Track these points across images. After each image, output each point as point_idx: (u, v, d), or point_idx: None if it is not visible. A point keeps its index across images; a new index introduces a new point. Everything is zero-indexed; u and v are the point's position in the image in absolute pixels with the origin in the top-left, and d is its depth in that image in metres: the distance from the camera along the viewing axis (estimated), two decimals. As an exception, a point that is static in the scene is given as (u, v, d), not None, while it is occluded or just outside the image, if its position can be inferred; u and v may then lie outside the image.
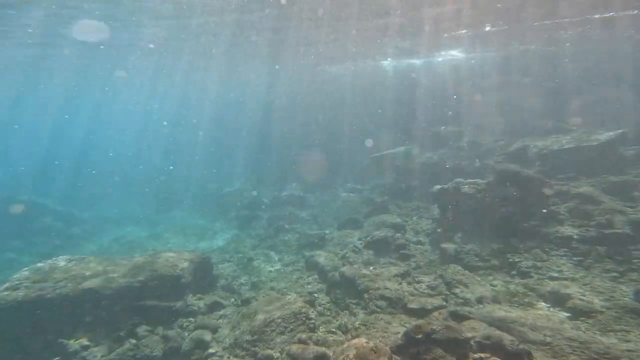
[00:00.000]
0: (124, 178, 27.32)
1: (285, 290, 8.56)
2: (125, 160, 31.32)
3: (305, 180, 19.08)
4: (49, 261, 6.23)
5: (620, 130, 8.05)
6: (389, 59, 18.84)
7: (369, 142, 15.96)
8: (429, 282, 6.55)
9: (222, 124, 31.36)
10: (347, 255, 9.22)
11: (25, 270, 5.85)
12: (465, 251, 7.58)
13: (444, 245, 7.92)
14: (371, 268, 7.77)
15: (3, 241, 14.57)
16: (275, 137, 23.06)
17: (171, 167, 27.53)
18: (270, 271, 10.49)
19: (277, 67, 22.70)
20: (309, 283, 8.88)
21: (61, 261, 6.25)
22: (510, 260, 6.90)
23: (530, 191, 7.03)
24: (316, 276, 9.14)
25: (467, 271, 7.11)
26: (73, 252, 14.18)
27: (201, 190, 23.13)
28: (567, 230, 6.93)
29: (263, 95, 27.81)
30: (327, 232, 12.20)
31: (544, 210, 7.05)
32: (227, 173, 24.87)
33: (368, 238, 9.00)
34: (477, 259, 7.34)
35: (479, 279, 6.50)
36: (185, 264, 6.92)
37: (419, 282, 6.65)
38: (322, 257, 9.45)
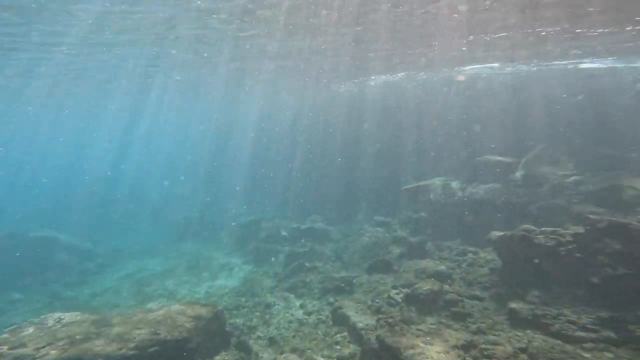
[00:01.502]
0: (141, 208, 27.81)
1: (309, 352, 7.25)
2: (147, 189, 32.25)
3: (328, 211, 18.10)
4: (36, 320, 5.57)
5: None
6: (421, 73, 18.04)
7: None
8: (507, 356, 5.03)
9: (242, 151, 31.89)
10: (382, 309, 7.85)
11: (6, 333, 5.22)
12: (551, 315, 5.98)
13: (514, 306, 6.41)
14: (419, 331, 6.36)
15: (13, 279, 14.49)
16: (296, 163, 22.69)
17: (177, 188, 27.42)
18: (291, 322, 9.23)
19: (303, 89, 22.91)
20: (337, 343, 7.52)
21: (50, 320, 5.56)
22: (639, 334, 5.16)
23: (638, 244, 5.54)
24: (346, 334, 7.77)
25: (559, 341, 5.43)
26: (86, 289, 13.93)
27: (220, 220, 22.80)
28: None
29: (286, 119, 28.15)
30: (354, 275, 10.88)
31: None
32: (247, 202, 24.51)
33: (408, 291, 7.65)
34: (574, 327, 5.64)
35: (588, 355, 4.87)
36: (193, 323, 5.96)
37: (490, 356, 5.16)
38: (352, 310, 8.13)
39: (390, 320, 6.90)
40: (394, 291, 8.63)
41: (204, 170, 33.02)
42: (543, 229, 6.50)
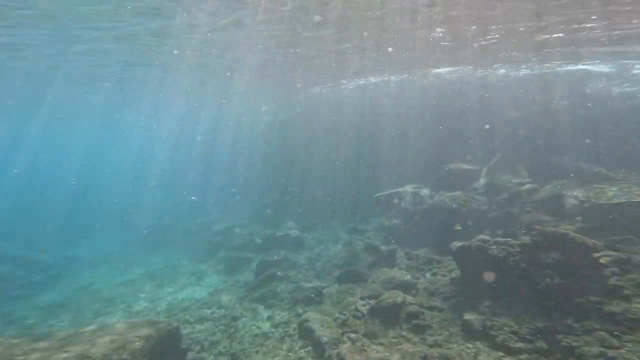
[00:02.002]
0: (107, 214, 26.41)
1: (270, 369, 7.14)
2: (116, 195, 30.67)
3: (305, 218, 18.04)
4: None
5: None
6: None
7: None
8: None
9: (218, 156, 31.16)
10: (348, 321, 7.88)
11: None
12: (497, 326, 6.29)
13: (467, 317, 6.65)
14: (380, 346, 6.44)
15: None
16: (273, 169, 22.46)
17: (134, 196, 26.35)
18: (257, 335, 9.06)
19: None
20: (301, 359, 7.46)
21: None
22: (565, 343, 5.57)
23: (581, 258, 5.93)
24: (310, 349, 7.73)
25: (501, 353, 5.80)
26: (28, 304, 12.90)
27: (192, 227, 22.09)
28: None
29: (262, 124, 27.84)
30: (324, 285, 10.88)
31: (603, 284, 5.87)
32: (223, 208, 23.93)
33: (373, 303, 7.73)
34: (515, 337, 6.03)
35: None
36: (139, 344, 5.65)
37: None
38: (317, 324, 8.10)
39: (352, 335, 6.94)
40: (361, 302, 8.70)
41: (178, 176, 32.00)
42: (497, 239, 6.81)
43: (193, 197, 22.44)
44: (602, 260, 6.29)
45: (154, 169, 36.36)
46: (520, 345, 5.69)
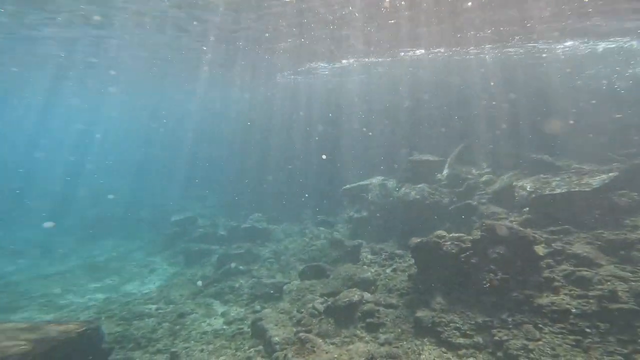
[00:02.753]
0: (44, 196, 24.11)
1: (214, 372, 6.82)
2: (46, 173, 27.94)
3: (273, 209, 17.58)
4: None
5: (613, 174, 7.51)
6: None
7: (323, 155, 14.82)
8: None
9: (181, 139, 29.47)
10: (303, 320, 7.71)
11: None
12: (444, 322, 6.42)
13: (419, 314, 6.72)
14: (331, 346, 6.32)
15: None
16: (241, 159, 21.57)
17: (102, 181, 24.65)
18: (205, 333, 8.66)
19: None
20: (249, 359, 7.20)
21: None
22: (497, 337, 5.83)
23: (522, 252, 6.11)
24: (261, 348, 7.49)
25: (443, 349, 5.94)
26: None
27: (152, 216, 20.77)
28: (564, 301, 6.02)
29: (231, 113, 26.56)
30: (285, 281, 10.65)
31: (538, 277, 6.12)
32: (188, 198, 22.70)
33: (329, 303, 7.60)
34: (457, 333, 6.20)
35: (458, 363, 5.30)
36: (28, 345, 4.97)
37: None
38: (272, 322, 7.86)
39: (303, 336, 6.77)
40: (320, 300, 8.57)
41: (138, 164, 29.89)
42: (452, 235, 6.88)
43: (110, 196, 20.82)
44: (539, 252, 6.58)
45: (110, 155, 33.78)
46: (461, 340, 5.84)
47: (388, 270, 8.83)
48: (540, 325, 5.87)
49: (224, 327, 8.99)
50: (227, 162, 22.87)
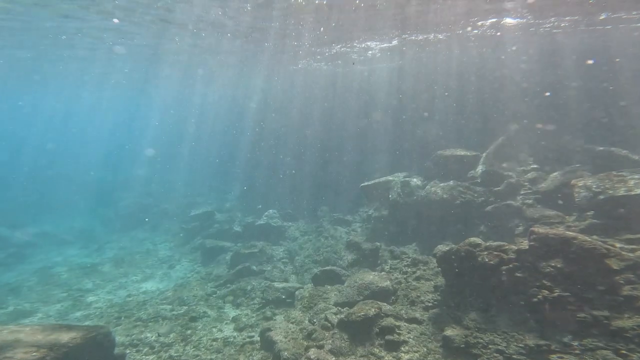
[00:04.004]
0: (85, 187, 25.51)
1: (217, 388, 6.29)
2: (88, 166, 29.60)
3: (289, 205, 16.97)
4: None
5: None
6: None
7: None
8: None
9: (206, 138, 29.77)
10: (314, 334, 6.95)
11: None
12: (482, 344, 5.33)
13: (448, 332, 5.66)
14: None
15: None
16: (260, 153, 21.14)
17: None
18: (215, 340, 8.24)
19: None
20: (256, 374, 6.60)
21: None
22: None
23: (588, 264, 4.79)
24: (269, 362, 6.87)
25: None
26: None
27: (170, 208, 21.18)
28: None
29: (252, 105, 26.20)
30: (297, 286, 9.95)
31: (614, 295, 4.78)
32: (208, 191, 22.89)
33: (343, 316, 6.74)
34: (501, 357, 5.08)
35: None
36: (36, 354, 4.74)
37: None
38: (281, 334, 7.18)
39: (313, 355, 6.00)
40: (333, 310, 7.77)
41: (164, 155, 30.80)
42: (489, 243, 5.67)
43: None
44: (614, 266, 5.17)
45: (144, 147, 35.18)
46: (508, 371, 4.70)
47: (410, 279, 7.76)
48: (624, 352, 4.56)
49: (234, 334, 8.52)
50: (247, 155, 22.61)
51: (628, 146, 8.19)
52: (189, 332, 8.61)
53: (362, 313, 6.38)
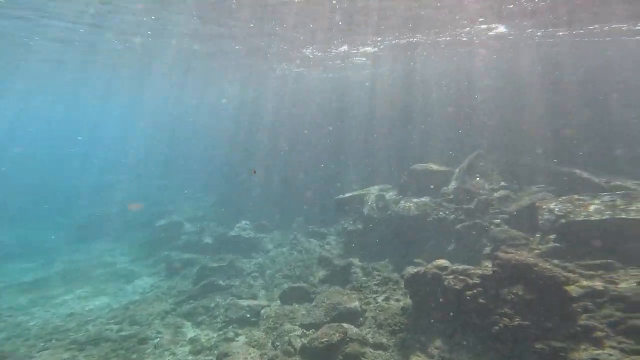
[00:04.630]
0: (46, 195, 23.62)
1: None
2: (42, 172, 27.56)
3: (264, 215, 16.37)
4: None
5: None
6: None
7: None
8: None
9: (182, 146, 28.68)
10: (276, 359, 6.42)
11: None
12: None
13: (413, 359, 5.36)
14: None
15: None
16: (235, 161, 20.51)
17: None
18: (164, 367, 7.46)
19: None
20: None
21: None
22: None
23: (548, 292, 4.68)
24: (223, 393, 6.24)
25: None
26: None
27: (138, 218, 19.92)
28: (613, 357, 4.56)
29: (228, 112, 25.64)
30: (263, 304, 9.38)
31: (571, 324, 4.67)
32: (176, 200, 21.79)
33: (307, 341, 6.29)
34: None
35: None
36: None
37: None
38: (237, 360, 6.59)
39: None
40: (298, 332, 7.30)
41: (137, 163, 29.29)
42: (456, 267, 5.49)
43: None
44: (573, 293, 5.11)
45: (109, 151, 33.36)
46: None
47: (380, 299, 7.45)
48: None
49: (189, 358, 7.77)
50: (222, 162, 21.87)
51: (585, 166, 8.43)
52: (134, 356, 7.76)
53: (326, 339, 5.96)
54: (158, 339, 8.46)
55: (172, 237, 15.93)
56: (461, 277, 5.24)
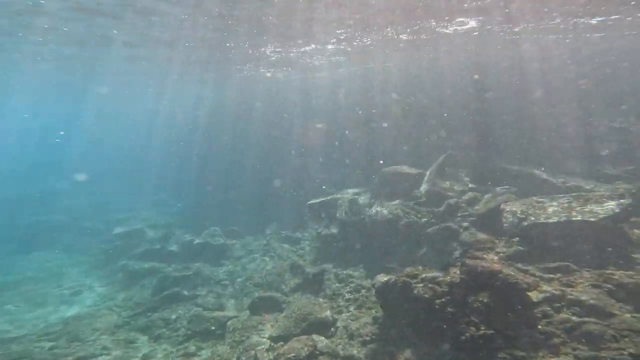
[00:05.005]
0: None
1: None
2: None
3: (236, 220, 15.62)
4: None
5: (625, 201, 6.22)
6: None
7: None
8: None
9: (145, 148, 26.93)
10: (237, 378, 5.91)
11: None
12: None
13: (385, 375, 5.12)
14: None
15: None
16: (205, 164, 19.50)
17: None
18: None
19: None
20: None
21: None
22: None
23: (512, 300, 4.68)
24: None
25: None
26: None
27: (93, 224, 18.21)
28: None
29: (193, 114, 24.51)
30: (230, 315, 8.79)
31: (532, 331, 4.68)
32: (141, 206, 20.25)
33: (273, 358, 5.85)
34: None
35: None
36: None
37: None
38: (195, 381, 5.99)
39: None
40: (266, 345, 6.82)
41: (97, 169, 26.98)
42: (425, 274, 5.39)
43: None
44: (534, 298, 5.18)
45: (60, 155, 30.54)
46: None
47: (352, 308, 7.19)
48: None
49: (141, 379, 7.00)
50: (190, 164, 20.72)
51: (543, 165, 8.79)
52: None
53: (293, 354, 5.57)
54: (103, 356, 7.56)
55: (131, 245, 14.68)
56: (430, 285, 5.12)
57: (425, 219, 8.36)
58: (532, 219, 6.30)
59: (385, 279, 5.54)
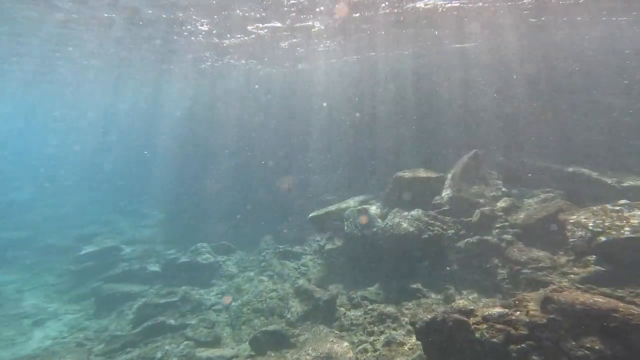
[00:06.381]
0: None
1: None
2: None
3: (225, 233, 14.24)
4: None
5: None
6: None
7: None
8: None
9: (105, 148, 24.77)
10: None
11: None
12: None
13: None
14: None
15: None
16: (190, 170, 17.92)
17: None
18: None
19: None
20: None
21: None
22: None
23: (636, 342, 3.70)
24: None
25: None
26: None
27: (62, 244, 16.27)
28: None
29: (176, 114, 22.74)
30: (228, 354, 7.53)
31: None
32: (111, 218, 18.36)
33: None
34: None
35: None
36: None
37: None
38: None
39: None
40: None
41: (57, 177, 24.56)
42: (487, 312, 4.38)
43: None
44: None
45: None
46: None
47: (379, 344, 6.13)
48: None
49: None
50: (173, 172, 19.07)
51: (589, 164, 7.79)
52: None
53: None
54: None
55: (105, 265, 13.03)
56: (499, 325, 4.13)
57: (453, 231, 7.45)
58: (613, 233, 5.36)
59: (430, 316, 4.52)
